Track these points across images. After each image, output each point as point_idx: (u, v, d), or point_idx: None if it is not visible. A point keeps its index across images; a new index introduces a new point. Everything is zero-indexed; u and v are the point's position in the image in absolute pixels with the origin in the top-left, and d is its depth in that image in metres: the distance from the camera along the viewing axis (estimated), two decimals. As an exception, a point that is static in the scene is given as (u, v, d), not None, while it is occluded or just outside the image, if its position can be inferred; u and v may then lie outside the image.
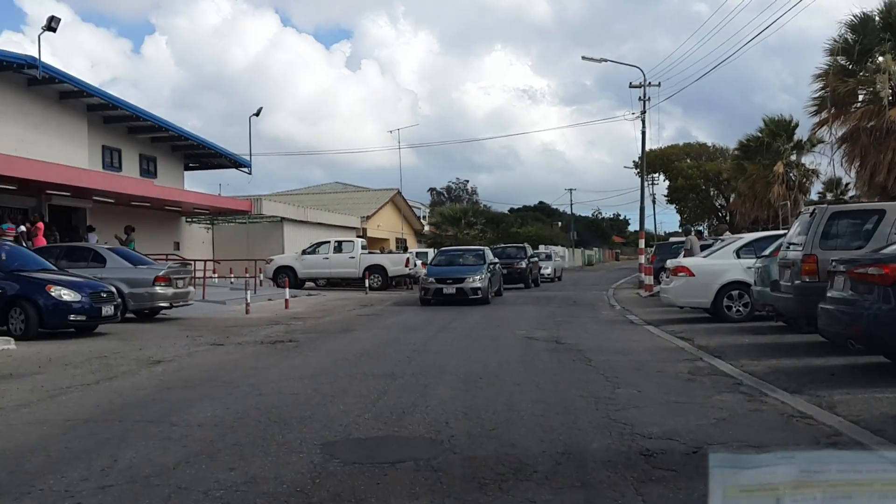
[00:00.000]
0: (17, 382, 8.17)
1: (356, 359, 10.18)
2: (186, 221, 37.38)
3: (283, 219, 39.30)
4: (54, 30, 24.35)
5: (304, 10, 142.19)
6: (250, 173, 39.28)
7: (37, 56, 24.45)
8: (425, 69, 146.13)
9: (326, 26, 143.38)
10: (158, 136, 33.72)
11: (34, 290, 12.51)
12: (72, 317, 12.67)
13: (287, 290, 21.80)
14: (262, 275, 31.82)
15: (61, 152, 26.88)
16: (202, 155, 37.74)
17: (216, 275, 31.42)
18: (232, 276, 31.14)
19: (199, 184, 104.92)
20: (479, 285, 21.36)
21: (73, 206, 28.82)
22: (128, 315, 16.42)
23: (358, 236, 46.98)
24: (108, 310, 13.29)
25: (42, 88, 26.64)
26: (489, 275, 22.50)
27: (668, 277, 15.94)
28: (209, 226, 39.67)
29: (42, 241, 22.41)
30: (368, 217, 50.21)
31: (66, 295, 12.66)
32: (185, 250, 36.28)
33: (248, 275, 31.39)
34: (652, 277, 25.45)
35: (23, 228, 22.02)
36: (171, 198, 30.88)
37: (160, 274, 16.14)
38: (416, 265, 31.48)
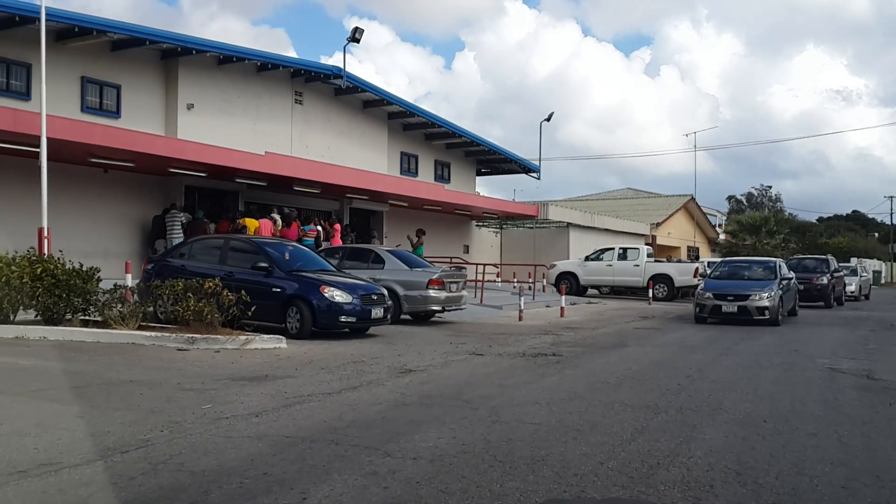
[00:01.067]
0: (265, 386, 8.12)
1: (618, 383, 9.05)
2: (476, 225, 38.08)
3: (569, 224, 38.65)
4: (358, 41, 25.78)
5: (605, 19, 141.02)
6: (539, 178, 39.17)
7: (342, 67, 26.02)
8: (728, 73, 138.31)
9: (626, 33, 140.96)
10: (452, 142, 34.66)
11: (310, 290, 12.85)
12: (342, 318, 12.84)
13: (563, 297, 20.94)
14: (544, 280, 31.39)
15: (363, 158, 28.46)
16: (493, 160, 38.27)
17: (499, 278, 31.49)
18: (515, 280, 31.02)
19: (495, 189, 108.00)
20: (766, 304, 18.23)
21: (371, 210, 30.42)
22: (403, 317, 16.63)
23: (647, 243, 45.10)
24: (377, 312, 13.34)
25: (347, 98, 28.38)
26: (780, 292, 19.27)
27: None
28: (497, 230, 40.13)
29: (338, 242, 23.73)
30: (658, 224, 48.03)
31: (339, 296, 12.86)
32: (474, 253, 36.97)
33: (530, 279, 31.23)
34: None
35: (320, 229, 23.45)
36: (460, 202, 31.50)
37: (434, 277, 16.09)
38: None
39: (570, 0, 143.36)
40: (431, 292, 16.05)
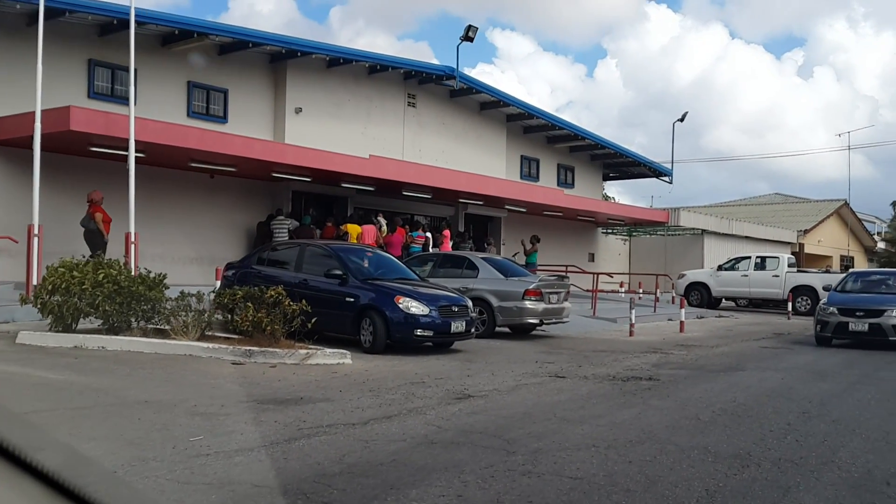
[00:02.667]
0: (289, 412, 7.15)
1: (711, 420, 7.51)
2: (602, 232, 36.27)
3: (703, 231, 36.11)
4: (472, 39, 24.74)
5: (752, 21, 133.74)
6: (671, 182, 36.93)
7: (456, 67, 25.11)
8: (889, 73, 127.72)
9: (776, 35, 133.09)
10: (576, 145, 33.10)
11: (384, 300, 11.89)
12: (418, 332, 11.78)
13: (683, 310, 19.07)
14: (673, 291, 29.28)
15: (480, 162, 27.45)
16: (620, 164, 36.39)
17: (623, 288, 29.62)
18: (640, 290, 29.08)
19: (634, 195, 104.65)
20: None
21: (488, 216, 29.34)
22: (501, 330, 15.44)
23: (793, 252, 41.79)
24: (458, 326, 12.20)
25: (463, 100, 27.46)
26: None
27: None
28: (626, 237, 38.10)
29: (447, 249, 22.79)
30: (807, 231, 44.36)
31: (414, 307, 11.82)
32: (600, 262, 35.21)
33: (658, 290, 29.21)
34: None
35: (429, 235, 22.58)
36: (582, 207, 29.91)
37: (531, 287, 14.79)
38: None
39: (714, 3, 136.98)
40: (528, 304, 14.76)
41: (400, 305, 11.78)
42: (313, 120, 22.57)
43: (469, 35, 24.77)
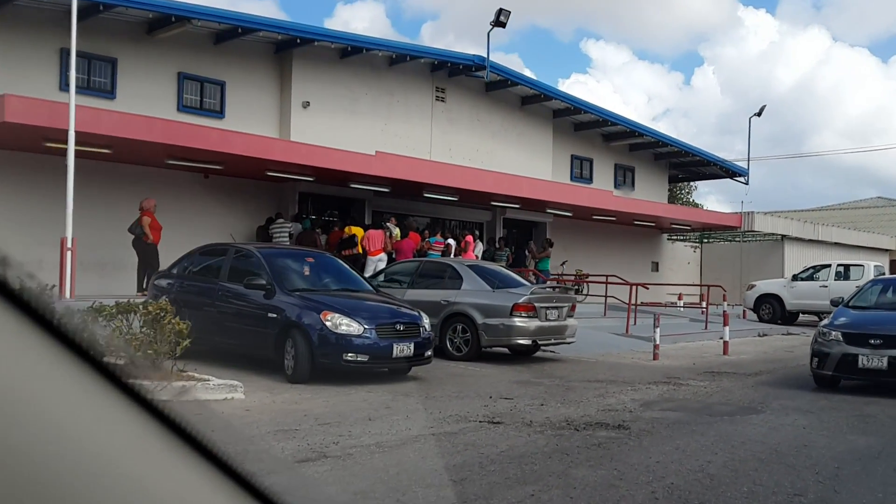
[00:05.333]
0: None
1: (672, 497, 4.98)
2: (668, 239, 33.12)
3: (783, 237, 32.46)
4: (504, 24, 22.31)
5: (854, 24, 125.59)
6: (747, 183, 33.37)
7: (486, 56, 22.72)
8: None
9: (880, 37, 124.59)
10: (636, 142, 30.12)
11: (308, 316, 9.67)
12: (349, 356, 9.49)
13: (727, 328, 16.10)
14: (743, 303, 26.05)
15: (521, 163, 24.99)
16: (688, 163, 33.17)
17: (681, 301, 26.51)
18: (703, 303, 25.94)
19: (735, 203, 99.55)
20: None
21: (532, 221, 26.82)
22: (497, 350, 13.05)
23: (892, 260, 37.56)
24: (403, 348, 9.85)
25: (501, 94, 25.07)
26: None
27: None
28: (697, 244, 34.78)
29: (471, 256, 20.45)
30: (907, 237, 39.85)
31: (345, 326, 9.56)
32: (665, 271, 32.17)
33: (725, 302, 26.04)
34: None
35: (451, 242, 20.29)
36: (637, 210, 26.95)
37: (520, 301, 12.28)
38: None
39: (812, 6, 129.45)
40: (517, 321, 12.24)
41: (327, 323, 9.52)
42: (324, 115, 20.60)
43: (501, 20, 22.32)
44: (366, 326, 9.65)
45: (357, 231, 18.79)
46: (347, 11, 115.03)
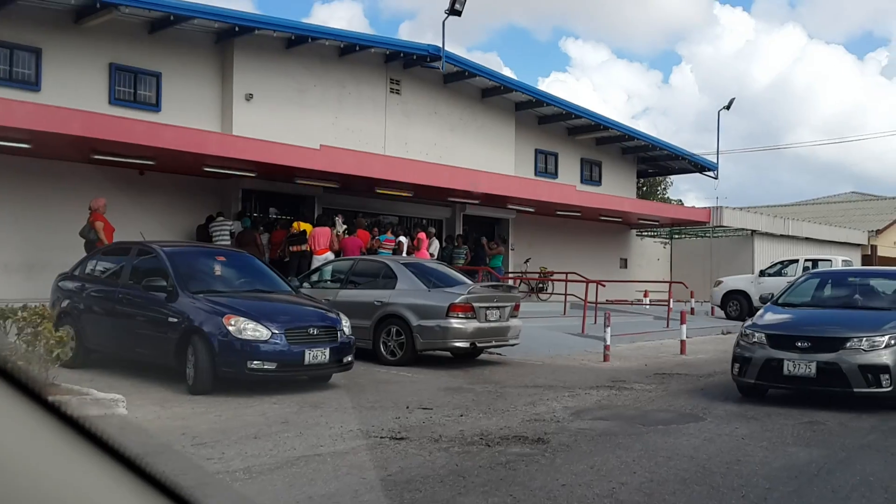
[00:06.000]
0: None
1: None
2: (637, 235, 32.40)
3: (753, 232, 31.83)
4: (459, 13, 21.44)
5: (829, 22, 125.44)
6: (716, 177, 32.79)
7: (441, 45, 21.82)
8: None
9: (855, 35, 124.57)
10: (603, 136, 29.35)
11: (210, 320, 8.77)
12: (254, 364, 8.61)
13: (684, 326, 15.39)
14: (711, 300, 25.39)
15: (483, 157, 24.13)
16: (657, 157, 32.42)
17: (647, 298, 25.80)
18: (671, 300, 25.21)
19: (702, 195, 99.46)
20: (886, 360, 8.55)
21: (495, 217, 25.99)
22: (440, 354, 12.21)
23: (864, 255, 37.10)
24: (316, 355, 8.97)
25: (459, 86, 24.20)
26: None
27: None
28: (666, 240, 34.10)
29: (424, 255, 19.58)
30: (879, 231, 39.34)
31: (250, 331, 8.67)
32: (634, 268, 31.48)
33: (693, 299, 25.41)
34: None
35: (403, 240, 19.42)
36: (602, 206, 26.19)
37: (456, 301, 11.43)
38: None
39: (786, 4, 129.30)
40: (453, 322, 11.39)
41: (230, 328, 8.63)
42: (269, 108, 19.65)
43: (456, 8, 21.44)
44: (274, 331, 8.77)
45: (307, 227, 17.87)
46: (325, 11, 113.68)
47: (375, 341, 11.85)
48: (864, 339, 8.65)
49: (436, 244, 21.40)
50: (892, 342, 8.63)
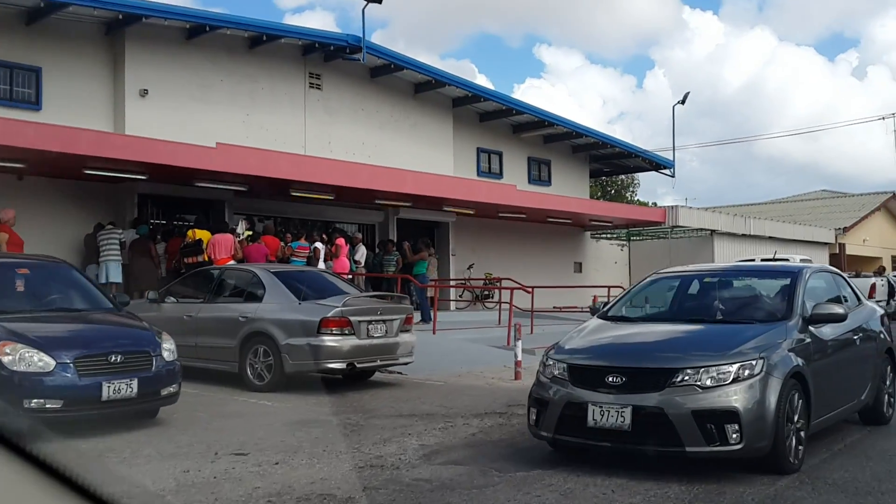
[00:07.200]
0: None
1: None
2: (592, 237, 30.84)
3: (713, 232, 30.38)
4: (379, 1, 19.79)
5: (798, 24, 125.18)
6: (673, 175, 31.36)
7: (362, 35, 20.09)
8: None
9: (824, 37, 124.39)
10: (550, 133, 27.74)
11: (-22, 349, 6.98)
12: (32, 403, 6.82)
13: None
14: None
15: (418, 156, 22.46)
16: (610, 156, 30.89)
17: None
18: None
19: (679, 198, 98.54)
20: (734, 401, 5.61)
21: (433, 221, 24.28)
22: (314, 374, 10.44)
23: (832, 254, 35.79)
24: (118, 388, 7.17)
25: (389, 80, 22.51)
26: (802, 359, 6.21)
27: None
28: (624, 243, 32.57)
29: (344, 263, 17.88)
30: (847, 229, 38.04)
31: (28, 360, 6.89)
32: (590, 272, 29.91)
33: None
34: None
35: (319, 246, 17.67)
36: (548, 206, 24.60)
37: (329, 315, 9.69)
38: None
39: (754, 8, 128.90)
40: (326, 340, 9.63)
41: (4, 358, 6.85)
42: (167, 105, 17.81)
43: (371, -3, 19.76)
44: (61, 361, 6.99)
45: (203, 235, 16.06)
46: (297, 20, 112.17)
47: (242, 363, 10.10)
48: (703, 369, 5.72)
49: (362, 250, 19.71)
50: (746, 373, 5.72)
